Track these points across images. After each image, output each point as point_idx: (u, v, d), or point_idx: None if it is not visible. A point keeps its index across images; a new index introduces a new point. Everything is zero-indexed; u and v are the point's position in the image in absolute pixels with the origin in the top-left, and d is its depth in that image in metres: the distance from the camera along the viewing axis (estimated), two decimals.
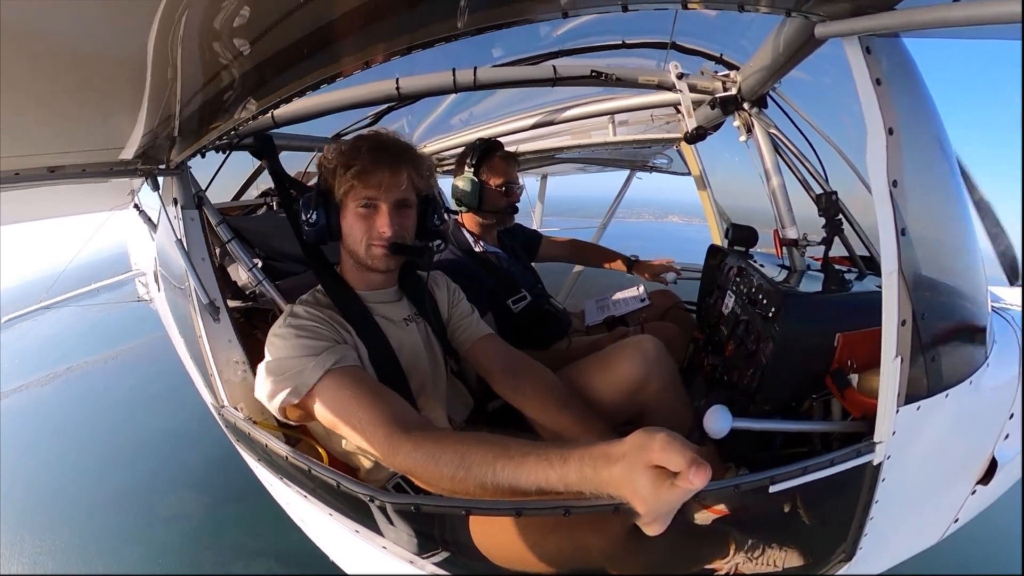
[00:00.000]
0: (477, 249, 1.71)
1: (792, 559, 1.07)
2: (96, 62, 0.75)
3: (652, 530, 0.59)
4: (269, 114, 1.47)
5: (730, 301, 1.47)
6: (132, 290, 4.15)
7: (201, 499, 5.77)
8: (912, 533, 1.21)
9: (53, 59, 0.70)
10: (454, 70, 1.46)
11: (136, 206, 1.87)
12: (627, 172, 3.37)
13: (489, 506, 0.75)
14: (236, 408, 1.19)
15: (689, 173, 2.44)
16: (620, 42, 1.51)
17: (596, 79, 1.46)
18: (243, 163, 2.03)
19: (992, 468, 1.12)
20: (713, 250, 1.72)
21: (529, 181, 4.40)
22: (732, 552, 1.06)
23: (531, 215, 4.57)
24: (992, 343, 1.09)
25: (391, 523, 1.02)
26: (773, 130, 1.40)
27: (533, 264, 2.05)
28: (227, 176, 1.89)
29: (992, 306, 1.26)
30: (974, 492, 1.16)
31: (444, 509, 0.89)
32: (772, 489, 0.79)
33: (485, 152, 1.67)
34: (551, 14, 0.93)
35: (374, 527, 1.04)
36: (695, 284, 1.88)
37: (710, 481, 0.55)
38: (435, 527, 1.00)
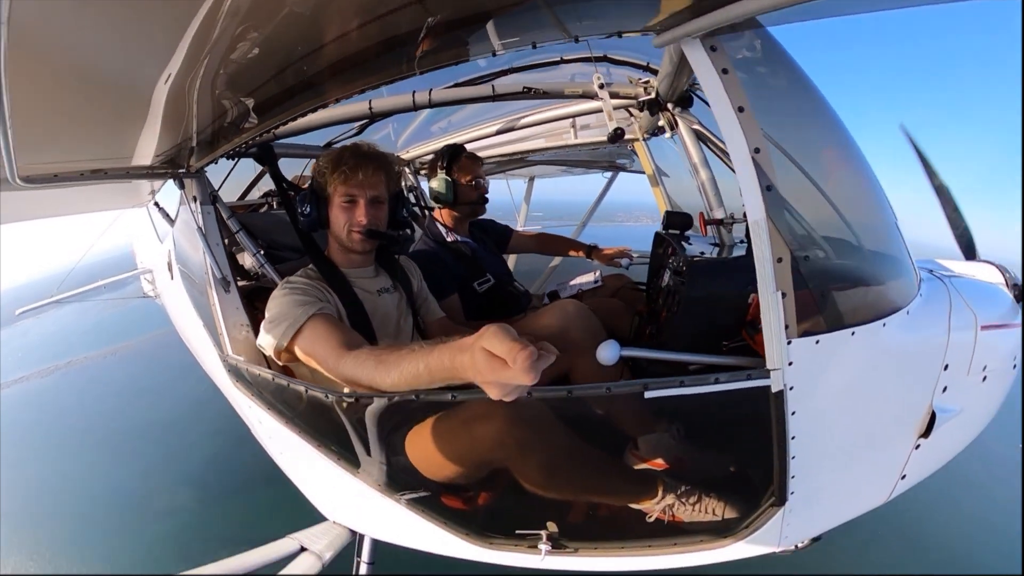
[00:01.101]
0: (449, 239, 2.02)
1: (728, 507, 1.21)
2: (133, 92, 1.05)
3: (492, 393, 0.72)
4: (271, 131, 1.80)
5: (667, 277, 1.74)
6: (135, 288, 4.46)
7: (192, 490, 6.10)
8: (853, 486, 1.28)
9: (103, 89, 1.00)
10: (413, 93, 1.84)
11: (156, 204, 2.18)
12: (606, 177, 3.69)
13: (401, 396, 1.03)
14: (239, 356, 1.49)
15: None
16: (559, 59, 1.81)
17: (527, 94, 1.78)
18: (247, 169, 2.36)
19: (932, 421, 1.18)
20: (658, 237, 2.01)
21: (515, 184, 4.70)
22: (661, 493, 1.22)
23: (515, 217, 4.85)
24: (915, 296, 1.22)
25: (360, 453, 1.30)
26: (696, 126, 1.68)
27: (509, 256, 2.36)
28: (233, 180, 2.25)
29: (934, 272, 1.47)
30: (918, 447, 1.24)
31: (375, 400, 1.13)
32: (647, 395, 0.98)
33: (453, 155, 1.99)
34: (485, 54, 1.21)
35: (347, 456, 1.34)
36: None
37: (586, 385, 0.77)
38: (381, 450, 1.27)
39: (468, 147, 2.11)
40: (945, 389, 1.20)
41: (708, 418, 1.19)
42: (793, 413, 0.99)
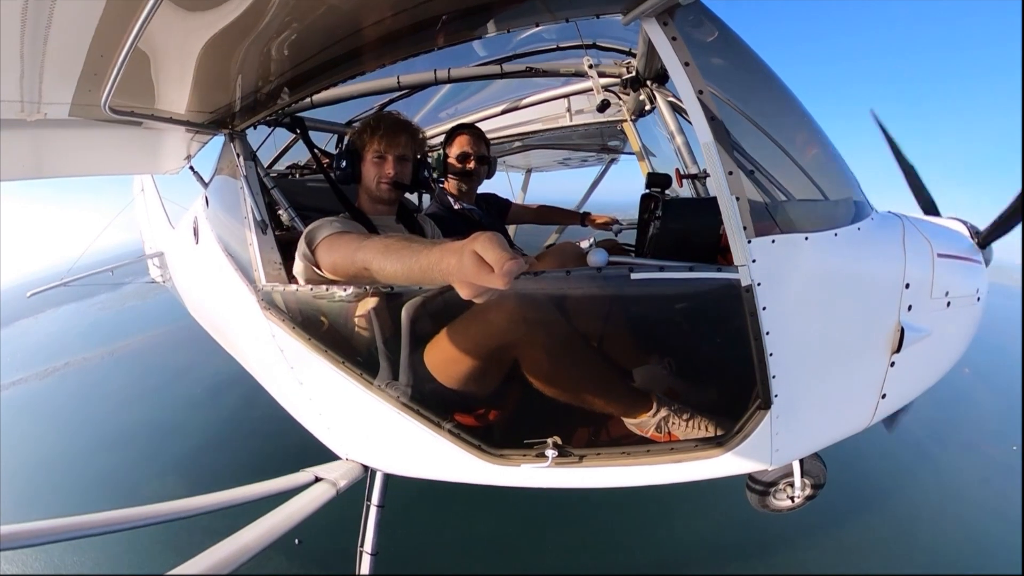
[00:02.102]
0: (456, 207, 2.31)
1: (721, 421, 1.35)
2: (194, 58, 1.31)
3: (463, 292, 0.76)
4: (308, 99, 2.08)
5: (651, 228, 1.98)
6: (142, 274, 4.69)
7: (182, 483, 6.44)
8: (835, 400, 1.38)
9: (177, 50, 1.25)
10: (435, 71, 2.20)
11: (191, 168, 2.44)
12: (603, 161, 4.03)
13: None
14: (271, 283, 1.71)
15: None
16: (555, 46, 2.17)
17: (529, 73, 2.18)
18: (271, 145, 2.65)
19: (903, 338, 1.31)
20: (643, 198, 2.26)
21: (514, 176, 5.02)
22: (656, 406, 1.38)
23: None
24: (867, 217, 1.39)
25: (383, 364, 1.49)
26: (671, 98, 1.98)
27: (509, 226, 2.64)
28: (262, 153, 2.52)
29: (890, 211, 1.59)
30: (893, 364, 1.35)
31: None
32: (633, 276, 1.16)
33: (450, 134, 2.32)
34: (499, 32, 1.49)
35: (369, 369, 1.52)
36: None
37: (581, 268, 0.93)
38: (405, 363, 1.46)
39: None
40: (911, 308, 1.33)
41: (694, 335, 1.39)
42: (764, 308, 1.16)
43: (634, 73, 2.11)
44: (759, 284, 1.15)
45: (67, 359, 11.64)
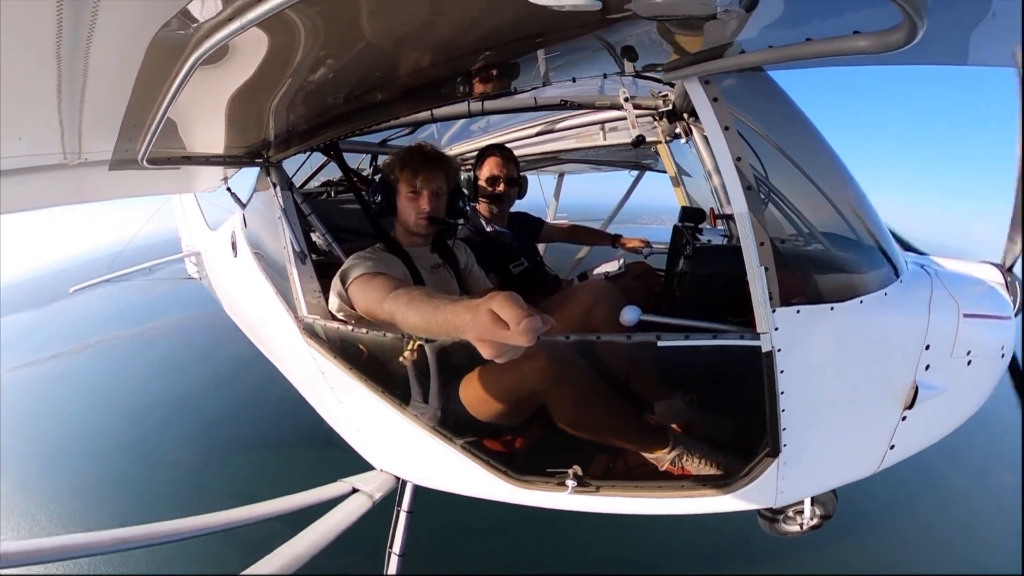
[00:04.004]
0: (488, 229, 2.43)
1: (731, 462, 1.46)
2: (227, 104, 1.44)
3: (484, 351, 0.79)
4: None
5: (681, 263, 2.07)
6: (179, 270, 5.02)
7: (200, 453, 7.15)
8: (843, 449, 1.46)
9: (210, 97, 1.37)
10: (469, 102, 2.27)
11: (228, 188, 2.62)
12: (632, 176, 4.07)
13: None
14: (311, 315, 1.89)
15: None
16: (601, 74, 2.16)
17: (563, 106, 2.19)
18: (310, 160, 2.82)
19: (916, 395, 1.36)
20: (675, 229, 2.34)
21: (547, 179, 5.07)
22: (671, 443, 1.50)
23: (545, 212, 5.20)
24: (895, 281, 1.44)
25: (416, 396, 1.65)
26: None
27: (540, 244, 2.76)
28: (294, 168, 2.69)
29: (924, 265, 1.67)
30: (904, 418, 1.41)
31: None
32: (660, 343, 1.26)
33: (480, 155, 2.43)
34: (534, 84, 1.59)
35: (404, 400, 1.68)
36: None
37: (611, 334, 1.03)
38: (439, 393, 1.61)
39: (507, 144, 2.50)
40: (928, 367, 1.38)
41: (713, 382, 1.50)
42: (782, 372, 1.24)
43: (671, 106, 2.16)
44: (779, 350, 1.24)
45: (100, 337, 12.67)
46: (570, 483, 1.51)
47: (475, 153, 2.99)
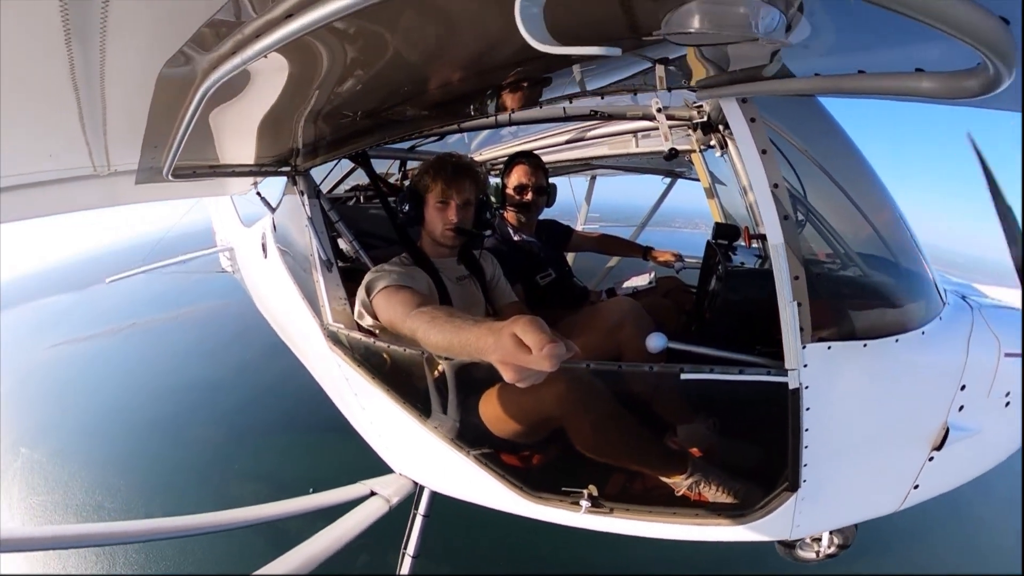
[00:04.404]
0: (516, 238, 2.43)
1: (748, 493, 1.45)
2: (256, 118, 1.49)
3: (507, 375, 0.80)
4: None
5: (713, 282, 2.03)
6: (213, 262, 5.23)
7: (220, 431, 7.61)
8: (865, 486, 1.44)
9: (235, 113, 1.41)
10: (496, 112, 2.21)
11: (258, 193, 2.71)
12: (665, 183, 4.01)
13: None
14: (336, 323, 1.94)
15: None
16: (632, 91, 2.12)
17: (594, 116, 2.14)
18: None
19: (946, 436, 1.33)
20: (709, 245, 2.29)
21: (578, 181, 5.01)
22: (690, 470, 1.48)
23: (576, 215, 5.15)
24: (934, 318, 1.40)
25: (436, 409, 1.68)
26: None
27: (568, 253, 2.75)
28: (324, 172, 2.76)
29: (966, 297, 1.62)
30: (932, 459, 1.38)
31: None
32: (683, 376, 1.26)
33: (508, 163, 2.42)
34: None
35: (425, 412, 1.72)
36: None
37: (633, 363, 1.02)
38: (458, 408, 1.64)
39: (538, 152, 2.49)
40: (962, 408, 1.35)
41: (737, 411, 1.47)
42: (808, 409, 1.21)
43: (705, 117, 2.11)
44: (806, 387, 1.21)
45: (134, 320, 13.57)
46: (584, 503, 1.53)
47: (504, 159, 3.00)
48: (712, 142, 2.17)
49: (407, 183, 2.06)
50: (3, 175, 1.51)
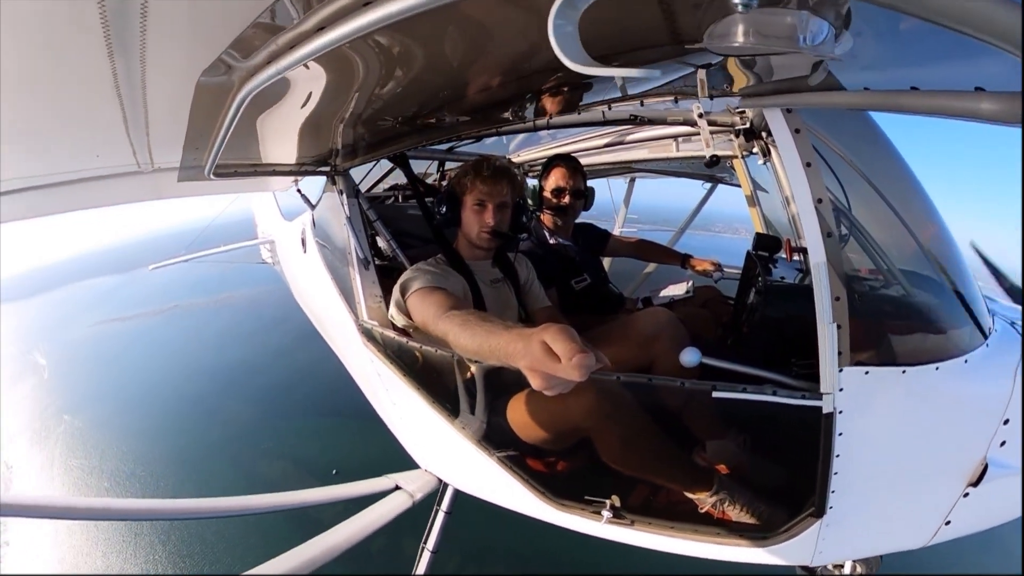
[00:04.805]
0: (552, 241, 2.46)
1: (773, 515, 1.43)
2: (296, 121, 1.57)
3: (534, 382, 0.82)
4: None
5: (752, 295, 2.01)
6: (254, 253, 5.51)
7: (253, 411, 8.05)
8: (893, 518, 1.40)
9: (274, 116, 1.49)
10: (534, 115, 2.24)
11: (299, 190, 2.84)
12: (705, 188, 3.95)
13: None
14: (371, 320, 2.02)
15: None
16: (672, 98, 2.11)
17: (633, 121, 2.16)
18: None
19: (984, 472, 1.27)
20: (749, 256, 2.26)
21: (617, 183, 4.97)
22: (716, 487, 1.47)
23: (614, 217, 5.11)
24: (980, 345, 1.36)
25: (465, 410, 1.73)
26: None
27: (604, 258, 2.80)
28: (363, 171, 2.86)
29: (1015, 323, 1.57)
30: (967, 495, 1.32)
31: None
32: (715, 394, 1.24)
33: (546, 166, 2.44)
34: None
35: (453, 412, 1.78)
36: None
37: (664, 377, 1.04)
38: (486, 410, 1.68)
39: (576, 154, 2.50)
40: (1004, 443, 1.29)
41: (767, 430, 1.45)
42: (840, 434, 1.19)
43: (748, 124, 2.07)
44: (840, 412, 1.19)
45: (175, 302, 14.55)
46: (605, 514, 1.54)
47: (542, 161, 3.02)
48: (755, 149, 2.13)
49: (445, 184, 2.12)
50: (54, 172, 1.69)
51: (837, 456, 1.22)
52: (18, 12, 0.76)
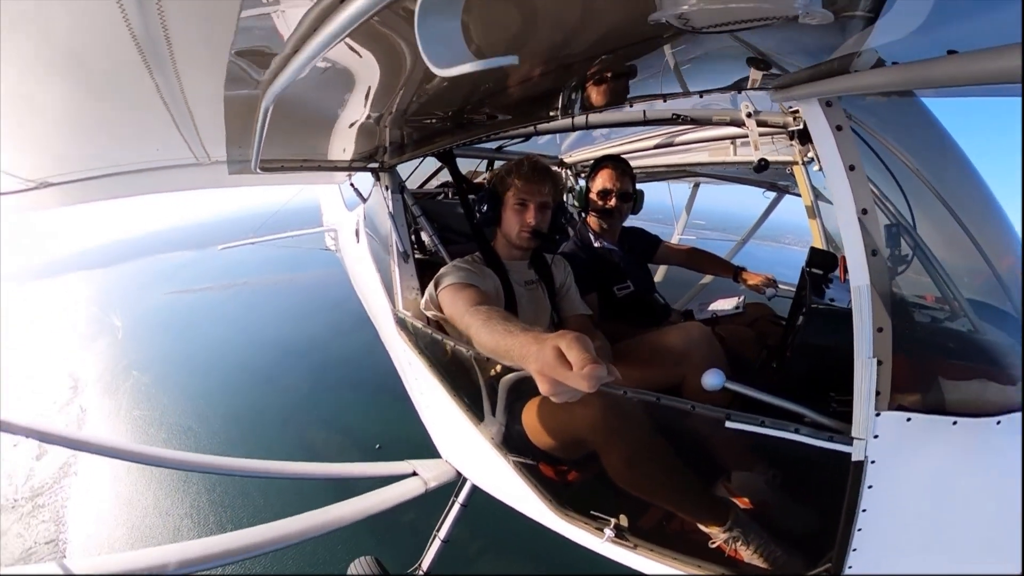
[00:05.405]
0: (596, 245, 2.44)
1: (787, 562, 1.34)
2: (344, 121, 1.69)
3: (542, 386, 0.83)
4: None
5: (800, 318, 1.90)
6: (319, 240, 5.97)
7: (308, 383, 8.99)
8: None
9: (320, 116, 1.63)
10: (572, 114, 2.23)
11: (352, 184, 3.04)
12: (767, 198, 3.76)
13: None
14: (407, 311, 2.14)
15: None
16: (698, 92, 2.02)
17: (675, 120, 2.07)
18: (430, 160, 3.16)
19: None
20: (803, 275, 2.14)
21: (680, 188, 4.83)
22: (731, 523, 1.39)
23: (673, 223, 4.96)
24: None
25: (486, 409, 1.78)
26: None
27: (655, 265, 2.77)
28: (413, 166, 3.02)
29: None
30: None
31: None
32: (728, 424, 1.15)
33: (594, 167, 2.41)
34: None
35: (474, 410, 1.85)
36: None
37: (673, 397, 1.01)
38: (504, 411, 1.70)
39: (628, 156, 2.48)
40: None
41: (796, 470, 1.34)
42: (870, 487, 1.06)
43: (802, 125, 1.91)
44: (873, 462, 1.06)
45: (246, 279, 16.17)
46: (607, 532, 1.51)
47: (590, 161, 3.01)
48: (810, 153, 1.98)
49: (486, 183, 2.19)
50: (119, 163, 1.97)
51: (863, 511, 1.09)
52: (78, 50, 1.05)
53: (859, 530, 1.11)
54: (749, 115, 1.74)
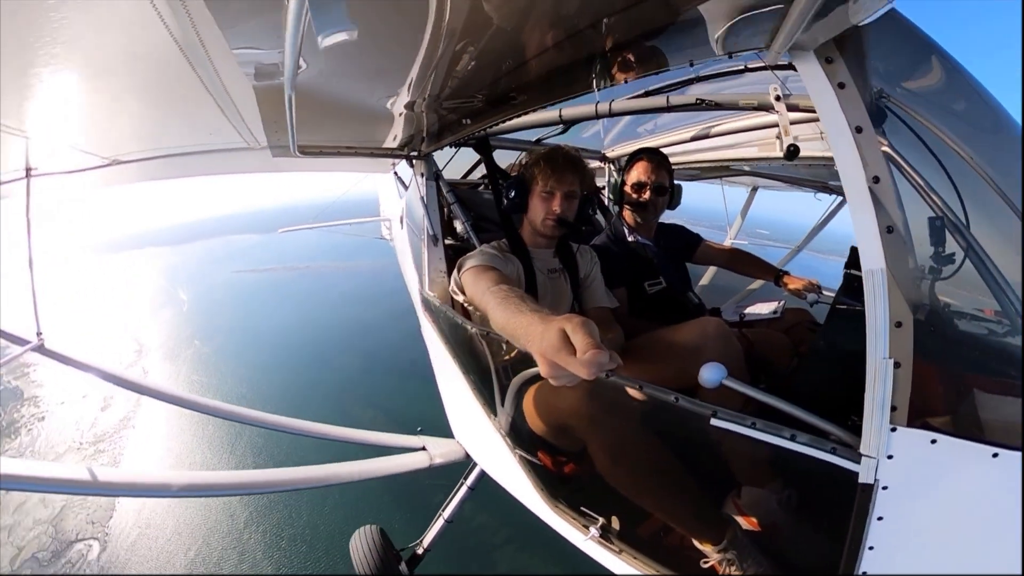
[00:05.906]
0: (629, 239, 2.42)
1: None
2: (380, 107, 1.81)
3: (542, 368, 0.84)
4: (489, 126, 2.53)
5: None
6: (375, 229, 6.37)
7: (359, 363, 10.21)
8: None
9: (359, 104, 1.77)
10: (596, 103, 2.23)
11: (395, 173, 3.23)
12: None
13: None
14: (432, 293, 2.26)
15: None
16: (743, 67, 1.97)
17: (699, 106, 2.01)
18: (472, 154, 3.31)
19: None
20: (844, 277, 2.04)
21: (737, 192, 4.66)
22: (727, 543, 1.32)
23: (726, 227, 4.79)
24: None
25: (496, 396, 1.83)
26: (886, 148, 1.51)
27: (696, 264, 2.72)
28: (461, 159, 3.19)
29: None
30: None
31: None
32: (713, 422, 1.05)
33: (630, 159, 2.40)
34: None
35: (487, 396, 1.92)
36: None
37: (656, 386, 0.99)
38: (512, 397, 1.72)
39: (669, 150, 2.47)
40: None
41: (802, 490, 1.24)
42: (879, 519, 0.91)
43: None
44: (884, 488, 0.90)
45: (309, 263, 17.62)
46: (592, 531, 1.49)
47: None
48: None
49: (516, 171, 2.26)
50: (179, 145, 2.26)
51: (870, 549, 0.93)
52: (135, 51, 1.27)
53: (862, 573, 0.95)
54: (778, 98, 1.59)
